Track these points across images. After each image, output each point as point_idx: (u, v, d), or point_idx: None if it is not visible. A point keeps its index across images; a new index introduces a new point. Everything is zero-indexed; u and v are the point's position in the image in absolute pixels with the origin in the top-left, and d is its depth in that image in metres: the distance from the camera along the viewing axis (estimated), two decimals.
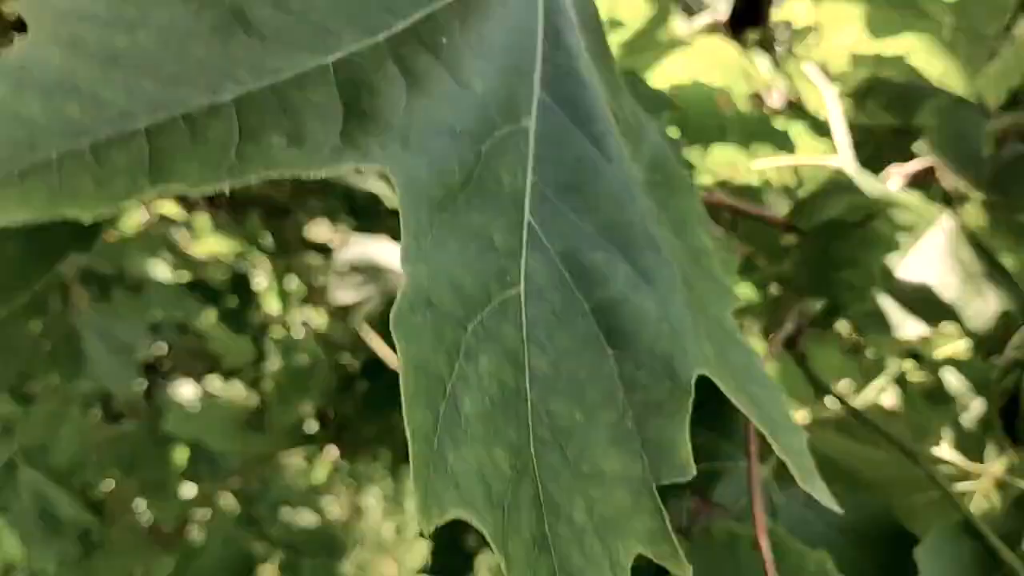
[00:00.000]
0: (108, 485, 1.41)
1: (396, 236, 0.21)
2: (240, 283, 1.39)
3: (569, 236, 0.22)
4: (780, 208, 0.67)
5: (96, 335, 1.25)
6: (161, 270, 1.30)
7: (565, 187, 0.23)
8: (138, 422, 1.38)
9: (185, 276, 1.38)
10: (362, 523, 2.22)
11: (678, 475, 0.21)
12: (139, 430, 1.36)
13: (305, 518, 1.43)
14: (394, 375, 0.20)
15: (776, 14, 0.70)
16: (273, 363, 1.39)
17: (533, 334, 0.21)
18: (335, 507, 2.08)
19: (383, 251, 1.02)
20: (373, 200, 1.09)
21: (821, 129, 0.74)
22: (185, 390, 1.32)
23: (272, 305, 1.46)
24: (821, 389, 0.58)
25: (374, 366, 1.22)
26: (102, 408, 1.47)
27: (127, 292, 1.26)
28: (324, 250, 1.37)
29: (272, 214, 1.32)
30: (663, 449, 0.21)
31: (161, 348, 1.45)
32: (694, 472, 0.22)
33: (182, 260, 1.35)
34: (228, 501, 1.44)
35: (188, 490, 1.41)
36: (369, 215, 1.20)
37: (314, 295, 1.47)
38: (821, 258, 0.55)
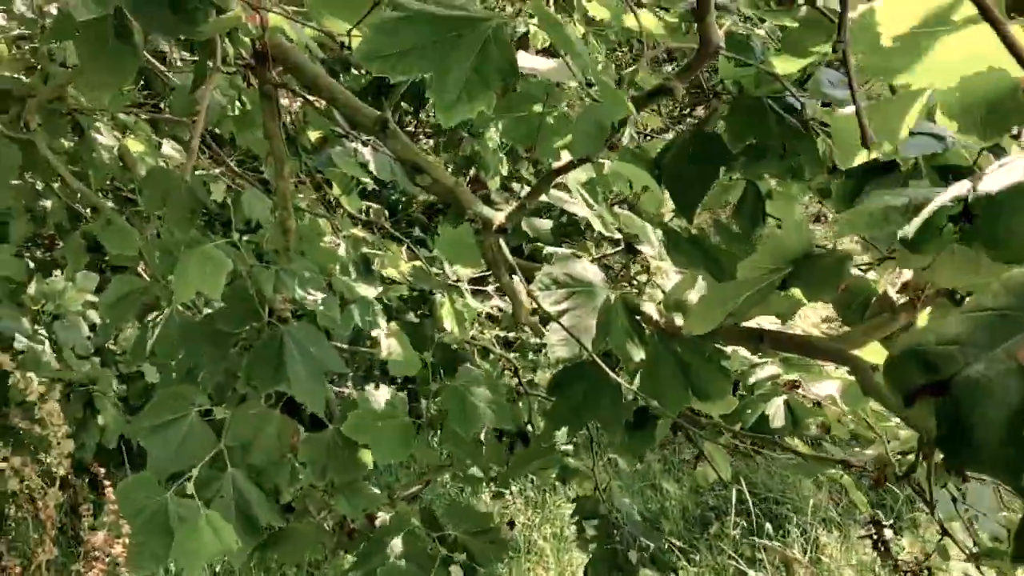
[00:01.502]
0: (302, 483, 1.54)
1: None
2: (424, 300, 1.53)
3: None
4: None
5: (297, 349, 1.38)
6: (359, 285, 1.45)
7: None
8: (333, 427, 1.52)
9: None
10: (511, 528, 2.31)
11: None
12: (333, 433, 1.50)
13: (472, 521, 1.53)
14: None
15: None
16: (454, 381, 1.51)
17: None
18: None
19: (587, 268, 1.12)
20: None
21: None
22: (380, 394, 1.45)
23: (448, 322, 1.59)
24: None
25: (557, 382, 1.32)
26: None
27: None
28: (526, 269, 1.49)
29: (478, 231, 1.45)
30: None
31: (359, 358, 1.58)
32: None
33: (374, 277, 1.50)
34: (405, 502, 1.55)
35: (374, 490, 1.53)
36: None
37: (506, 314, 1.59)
38: None
